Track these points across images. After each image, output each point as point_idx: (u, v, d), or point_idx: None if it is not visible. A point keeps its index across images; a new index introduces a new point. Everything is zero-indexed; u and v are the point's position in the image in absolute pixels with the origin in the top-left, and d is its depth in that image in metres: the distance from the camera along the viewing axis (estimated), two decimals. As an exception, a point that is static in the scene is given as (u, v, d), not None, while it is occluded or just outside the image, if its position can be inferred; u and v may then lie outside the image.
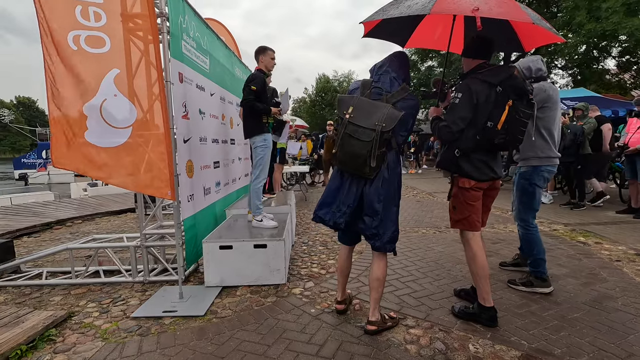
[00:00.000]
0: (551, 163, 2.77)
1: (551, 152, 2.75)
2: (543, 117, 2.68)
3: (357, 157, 2.00)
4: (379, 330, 2.22)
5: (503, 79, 2.11)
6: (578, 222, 5.03)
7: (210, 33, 4.27)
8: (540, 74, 2.80)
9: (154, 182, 2.71)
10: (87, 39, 2.63)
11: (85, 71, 2.62)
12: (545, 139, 2.73)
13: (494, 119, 2.10)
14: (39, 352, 2.15)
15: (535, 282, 2.80)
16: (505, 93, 2.09)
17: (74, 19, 2.57)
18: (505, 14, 1.94)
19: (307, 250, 4.08)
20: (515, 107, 2.08)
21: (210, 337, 2.25)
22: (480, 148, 2.19)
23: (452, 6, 1.98)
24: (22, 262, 3.43)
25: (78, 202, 7.74)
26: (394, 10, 2.08)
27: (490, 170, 2.26)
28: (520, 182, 2.85)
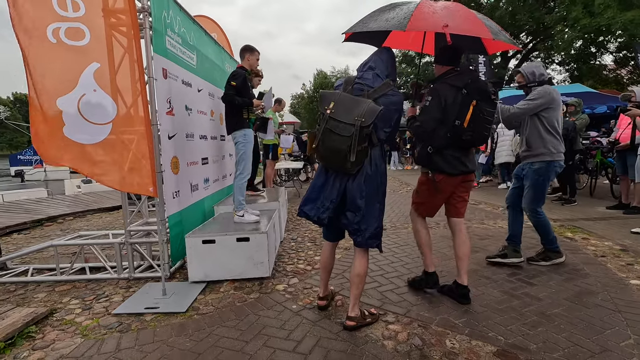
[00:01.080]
0: (562, 158, 3.08)
1: (561, 147, 3.05)
2: (548, 117, 2.99)
3: (338, 152, 2.00)
4: (357, 326, 2.23)
5: (467, 83, 2.36)
6: (568, 217, 5.04)
7: (197, 29, 4.23)
8: (543, 78, 3.08)
9: (136, 179, 2.70)
10: (67, 30, 2.58)
11: (63, 64, 2.58)
12: (555, 136, 3.02)
13: (461, 117, 2.33)
14: (17, 348, 2.15)
15: (552, 255, 3.22)
16: (470, 95, 2.33)
17: (52, 10, 2.51)
18: (470, 30, 2.24)
19: (295, 247, 4.08)
20: (479, 106, 2.32)
21: (190, 333, 2.26)
22: (452, 145, 2.41)
23: (424, 23, 2.21)
24: (7, 259, 3.42)
25: (71, 199, 7.73)
26: (373, 23, 2.30)
27: (462, 165, 2.47)
28: (534, 177, 3.10)
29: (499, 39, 2.28)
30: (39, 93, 2.54)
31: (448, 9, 2.30)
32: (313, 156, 9.03)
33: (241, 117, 3.56)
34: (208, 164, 4.53)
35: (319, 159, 2.18)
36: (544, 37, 18.08)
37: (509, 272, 3.09)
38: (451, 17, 2.20)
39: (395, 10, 2.33)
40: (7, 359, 2.05)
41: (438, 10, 2.25)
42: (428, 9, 2.24)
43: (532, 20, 16.17)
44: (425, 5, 2.27)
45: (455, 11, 2.30)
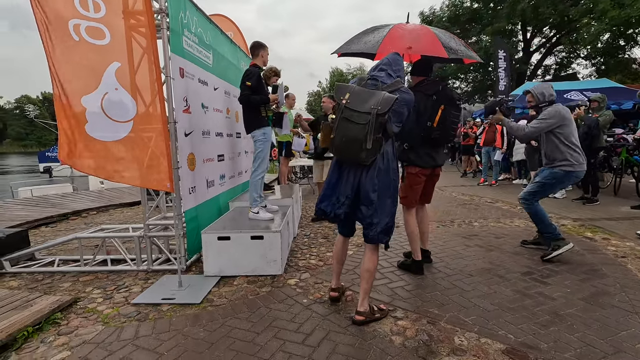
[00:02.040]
0: (583, 169, 3.27)
1: (582, 159, 3.25)
2: (563, 132, 3.22)
3: (354, 142, 2.03)
4: (366, 321, 2.26)
5: (436, 91, 2.81)
6: (589, 217, 4.89)
7: (213, 28, 4.32)
8: (552, 98, 3.32)
9: (154, 175, 2.80)
10: (87, 29, 2.65)
11: (87, 63, 2.66)
12: (574, 149, 3.22)
13: (431, 119, 2.79)
14: (44, 333, 2.28)
15: (561, 244, 3.28)
16: (439, 100, 2.78)
17: (73, 8, 2.60)
18: (429, 51, 2.80)
19: (307, 243, 4.13)
20: (447, 110, 2.77)
21: (204, 323, 2.34)
22: (424, 143, 2.87)
23: (392, 47, 2.67)
24: (35, 250, 3.61)
25: (94, 194, 8.04)
26: (354, 46, 2.89)
27: (432, 160, 2.95)
28: (548, 177, 3.32)
29: (455, 56, 2.80)
30: (65, 91, 2.65)
31: (415, 32, 2.81)
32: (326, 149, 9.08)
33: (259, 115, 3.62)
34: (224, 160, 4.63)
35: (334, 151, 2.20)
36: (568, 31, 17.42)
37: (523, 272, 3.05)
38: (416, 39, 2.74)
39: (373, 33, 2.83)
40: (35, 342, 2.19)
41: (406, 33, 2.78)
42: (398, 33, 2.77)
43: (555, 14, 15.60)
44: (396, 30, 2.80)
45: (422, 34, 2.83)
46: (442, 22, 19.49)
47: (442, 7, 20.43)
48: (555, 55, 21.17)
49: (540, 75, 21.62)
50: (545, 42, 20.03)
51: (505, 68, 11.47)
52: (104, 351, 2.06)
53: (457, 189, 8.14)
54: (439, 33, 2.86)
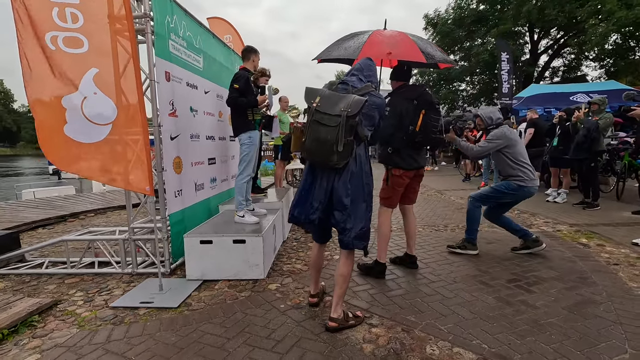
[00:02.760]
0: (535, 185, 3.44)
1: (532, 175, 3.42)
2: (512, 152, 3.42)
3: (324, 143, 2.00)
4: (339, 328, 2.22)
5: (417, 96, 2.87)
6: (586, 222, 4.77)
7: (205, 32, 4.35)
8: (499, 121, 3.54)
9: (133, 178, 2.81)
10: (64, 39, 2.72)
11: (65, 69, 2.71)
12: (524, 166, 3.41)
13: (413, 124, 2.85)
14: (19, 336, 2.30)
15: (468, 246, 3.65)
16: (420, 105, 2.85)
17: (51, 21, 2.67)
18: (409, 56, 2.88)
19: (296, 247, 4.11)
20: (427, 115, 2.84)
21: (177, 328, 2.33)
22: (407, 146, 2.92)
23: (371, 53, 2.71)
24: (24, 252, 3.66)
25: (95, 196, 8.14)
26: (335, 52, 2.94)
27: (415, 162, 2.99)
28: (502, 185, 3.51)
29: (432, 61, 2.86)
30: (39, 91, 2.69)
31: (394, 37, 2.86)
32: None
33: (246, 118, 3.62)
34: (215, 164, 4.65)
35: (305, 154, 2.16)
36: (576, 32, 17.14)
37: (509, 279, 2.98)
38: (395, 45, 2.79)
39: (353, 39, 2.87)
40: (8, 345, 2.20)
41: (385, 39, 2.84)
42: (377, 39, 2.83)
43: (562, 15, 15.35)
44: (375, 36, 2.86)
45: (400, 40, 2.87)
46: (446, 24, 19.37)
47: (447, 10, 20.30)
48: (564, 57, 20.84)
49: (548, 77, 21.31)
50: (553, 43, 19.73)
51: (508, 70, 11.31)
52: (73, 355, 2.06)
53: (457, 192, 8.03)
54: (416, 39, 2.93)
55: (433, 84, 21.38)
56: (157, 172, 3.23)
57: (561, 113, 6.46)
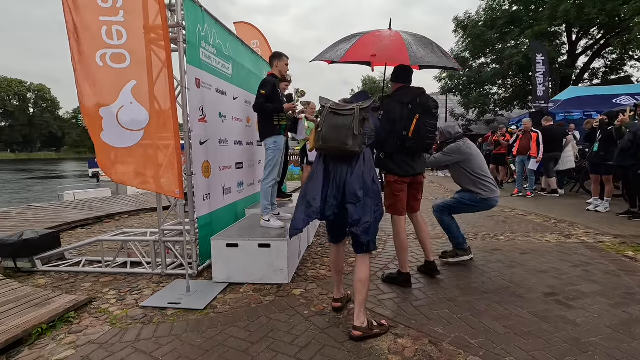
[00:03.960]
0: (495, 196, 3.42)
1: (492, 187, 3.42)
2: (469, 166, 3.40)
3: (342, 128, 2.12)
4: (364, 337, 2.17)
5: (412, 99, 2.77)
6: (633, 234, 4.43)
7: (233, 40, 4.46)
8: (458, 135, 3.53)
9: (163, 182, 2.91)
10: (111, 56, 2.92)
11: (107, 83, 2.92)
12: (482, 179, 3.39)
13: (407, 128, 2.75)
14: (57, 331, 2.41)
15: (460, 252, 3.55)
16: (414, 109, 2.75)
17: (100, 39, 2.88)
18: (392, 58, 2.73)
19: (321, 252, 4.08)
20: (422, 119, 2.73)
21: (203, 330, 2.36)
22: (401, 151, 2.83)
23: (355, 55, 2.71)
24: (64, 250, 3.87)
25: (130, 199, 8.51)
26: (328, 54, 2.86)
27: (411, 168, 2.88)
28: (465, 196, 3.48)
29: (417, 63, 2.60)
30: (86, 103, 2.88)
31: (387, 39, 2.73)
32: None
33: (272, 124, 3.66)
34: (243, 168, 4.73)
35: (321, 142, 2.19)
36: (619, 31, 16.15)
37: (546, 292, 2.80)
38: (383, 47, 2.68)
39: (345, 42, 2.81)
40: (47, 339, 2.31)
41: (377, 40, 2.73)
42: (368, 40, 2.75)
43: (603, 13, 14.52)
44: (367, 37, 2.78)
45: (390, 42, 2.71)
46: (477, 26, 18.82)
47: (478, 12, 19.72)
48: (604, 58, 19.67)
49: (587, 79, 20.19)
50: (593, 44, 18.68)
51: (544, 73, 10.79)
52: (105, 352, 2.14)
53: (488, 199, 7.72)
54: (411, 40, 2.73)
55: (463, 87, 20.79)
56: (187, 176, 3.32)
57: (602, 117, 6.08)
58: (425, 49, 2.68)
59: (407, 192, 2.94)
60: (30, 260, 3.61)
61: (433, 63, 2.69)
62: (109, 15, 2.92)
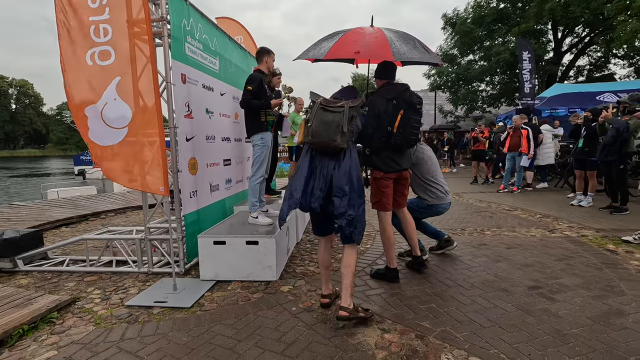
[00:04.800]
0: (444, 202, 3.39)
1: (440, 194, 3.36)
2: (420, 171, 3.35)
3: (331, 124, 2.21)
4: (350, 318, 2.26)
5: (396, 95, 2.78)
6: (614, 227, 4.55)
7: (221, 35, 4.39)
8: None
9: (149, 179, 2.86)
10: (99, 54, 2.92)
11: (94, 80, 2.91)
12: (431, 185, 3.35)
13: (391, 124, 2.74)
14: (39, 332, 2.36)
15: (443, 244, 3.66)
16: (398, 105, 2.75)
17: (90, 38, 2.87)
18: (376, 55, 2.72)
19: (310, 249, 4.08)
20: (406, 115, 2.74)
21: (189, 328, 2.34)
22: (386, 147, 2.82)
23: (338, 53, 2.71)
24: (47, 249, 3.78)
25: (116, 196, 8.37)
26: (312, 52, 2.85)
27: (396, 164, 2.88)
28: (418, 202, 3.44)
29: (400, 59, 2.64)
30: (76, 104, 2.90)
31: (371, 35, 2.71)
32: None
33: (259, 120, 3.62)
34: (231, 165, 4.68)
35: (310, 137, 2.26)
36: (603, 29, 16.47)
37: (530, 286, 2.86)
38: (366, 44, 2.65)
39: (328, 40, 2.78)
40: (28, 340, 2.26)
41: (359, 38, 2.70)
42: (351, 38, 2.72)
43: (588, 12, 14.79)
44: (350, 35, 2.74)
45: (373, 38, 2.70)
46: (465, 23, 18.97)
47: (466, 9, 19.88)
48: (589, 56, 20.07)
49: (572, 76, 20.57)
50: (578, 41, 19.03)
51: (530, 70, 10.95)
52: (88, 352, 2.10)
53: (475, 195, 7.83)
54: (393, 37, 2.73)
55: (451, 84, 20.98)
56: (172, 173, 3.27)
57: (587, 113, 6.21)
58: (408, 45, 2.69)
59: (393, 188, 2.95)
60: (11, 260, 3.52)
61: (416, 59, 2.70)
62: (98, 15, 2.92)
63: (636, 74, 18.48)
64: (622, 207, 5.40)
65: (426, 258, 3.49)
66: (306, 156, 2.36)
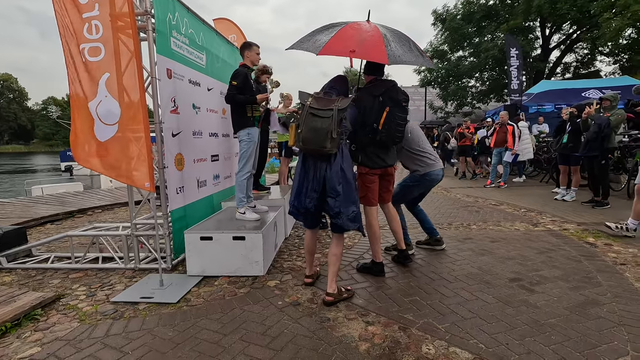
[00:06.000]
0: (435, 168, 3.36)
1: (429, 160, 3.35)
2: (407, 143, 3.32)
3: (320, 131, 2.28)
4: (335, 301, 2.51)
5: (383, 92, 2.79)
6: (595, 221, 4.67)
7: (207, 30, 4.36)
8: None
9: (134, 174, 2.85)
10: (89, 50, 2.93)
11: (88, 77, 2.92)
12: (419, 154, 3.35)
13: (377, 121, 2.76)
14: (22, 329, 2.34)
15: (433, 242, 3.75)
16: (384, 102, 2.77)
17: (83, 35, 2.90)
18: (370, 56, 2.64)
19: (298, 244, 4.11)
20: (392, 112, 2.75)
21: (175, 324, 2.35)
22: (372, 144, 2.86)
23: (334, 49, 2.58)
24: (31, 246, 3.73)
25: (104, 193, 8.26)
26: (305, 44, 2.73)
27: (382, 160, 2.91)
28: (406, 179, 3.48)
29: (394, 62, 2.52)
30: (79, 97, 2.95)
31: (366, 33, 2.64)
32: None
33: (245, 115, 3.61)
34: (218, 160, 4.66)
35: (301, 144, 2.36)
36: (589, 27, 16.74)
37: (511, 278, 2.93)
38: (361, 43, 2.56)
39: (324, 32, 2.70)
40: (11, 338, 2.24)
41: (356, 35, 2.62)
42: (348, 34, 2.63)
43: (575, 9, 15.02)
44: (346, 30, 2.65)
45: (368, 37, 2.62)
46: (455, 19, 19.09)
47: (456, 5, 20.00)
48: (576, 53, 20.39)
49: (559, 73, 20.88)
50: (565, 39, 19.31)
51: (518, 66, 11.10)
52: (72, 348, 2.09)
53: (463, 190, 7.95)
54: (389, 37, 2.67)
55: (442, 80, 21.13)
56: (158, 168, 3.25)
57: (572, 109, 6.33)
58: (403, 47, 2.67)
59: (378, 184, 2.99)
60: (-6, 257, 3.47)
61: (410, 62, 2.68)
62: (88, 11, 2.91)
63: (621, 70, 18.85)
64: (604, 201, 5.54)
65: (412, 252, 3.54)
66: (299, 159, 2.51)
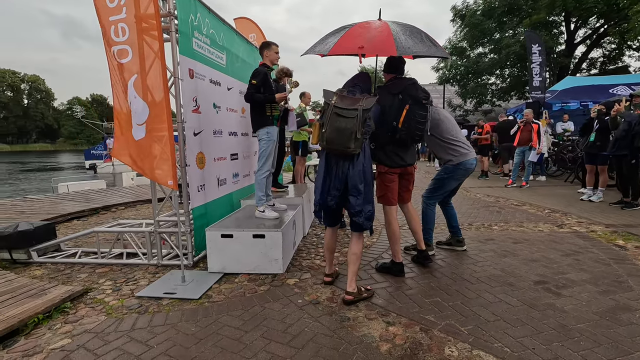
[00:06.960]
0: (468, 158, 3.26)
1: (463, 150, 3.26)
2: (439, 131, 3.24)
3: (344, 132, 2.27)
4: (355, 300, 2.52)
5: (402, 90, 2.78)
6: (624, 223, 4.49)
7: (227, 29, 4.40)
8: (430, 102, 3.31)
9: (159, 172, 2.92)
10: (117, 52, 3.02)
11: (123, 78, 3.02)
12: (451, 143, 3.26)
13: (397, 119, 2.74)
14: (53, 321, 2.44)
15: (455, 243, 3.66)
16: (404, 100, 2.75)
17: (110, 38, 3.01)
18: (379, 50, 2.70)
19: (316, 242, 4.12)
20: (412, 110, 2.72)
21: (197, 319, 2.39)
22: (391, 142, 2.85)
23: (342, 48, 2.69)
24: (60, 241, 3.87)
25: (126, 190, 8.50)
26: (318, 47, 2.85)
27: (400, 159, 2.90)
28: (440, 173, 3.41)
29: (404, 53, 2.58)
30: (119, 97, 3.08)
31: (376, 30, 2.68)
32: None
33: (264, 114, 3.63)
34: (238, 159, 4.72)
35: (325, 143, 2.37)
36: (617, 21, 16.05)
37: (536, 280, 2.85)
38: (370, 39, 2.61)
39: (334, 35, 2.77)
40: (43, 329, 2.34)
41: (365, 32, 2.68)
42: (356, 32, 2.69)
43: (602, 2, 14.42)
44: (355, 29, 2.72)
45: (378, 33, 2.66)
46: (475, 15, 18.64)
47: (476, 1, 19.50)
48: (603, 48, 19.58)
49: (585, 69, 20.12)
50: (591, 33, 18.56)
51: (540, 63, 10.76)
52: (100, 341, 2.17)
53: (484, 190, 7.78)
54: (399, 30, 2.67)
55: (460, 78, 20.68)
56: (180, 167, 3.31)
57: (600, 107, 6.08)
58: (414, 39, 2.66)
59: (398, 183, 2.97)
60: (26, 251, 3.62)
61: (421, 52, 2.67)
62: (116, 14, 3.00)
63: (652, 66, 17.98)
64: (634, 202, 5.32)
65: (432, 253, 3.49)
66: (322, 158, 2.52)
